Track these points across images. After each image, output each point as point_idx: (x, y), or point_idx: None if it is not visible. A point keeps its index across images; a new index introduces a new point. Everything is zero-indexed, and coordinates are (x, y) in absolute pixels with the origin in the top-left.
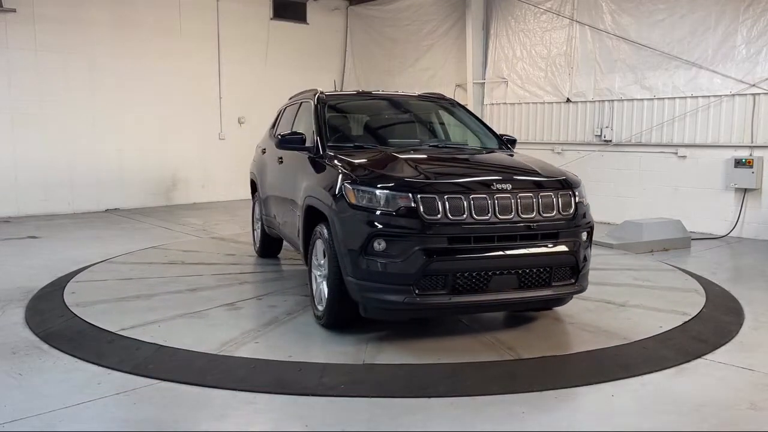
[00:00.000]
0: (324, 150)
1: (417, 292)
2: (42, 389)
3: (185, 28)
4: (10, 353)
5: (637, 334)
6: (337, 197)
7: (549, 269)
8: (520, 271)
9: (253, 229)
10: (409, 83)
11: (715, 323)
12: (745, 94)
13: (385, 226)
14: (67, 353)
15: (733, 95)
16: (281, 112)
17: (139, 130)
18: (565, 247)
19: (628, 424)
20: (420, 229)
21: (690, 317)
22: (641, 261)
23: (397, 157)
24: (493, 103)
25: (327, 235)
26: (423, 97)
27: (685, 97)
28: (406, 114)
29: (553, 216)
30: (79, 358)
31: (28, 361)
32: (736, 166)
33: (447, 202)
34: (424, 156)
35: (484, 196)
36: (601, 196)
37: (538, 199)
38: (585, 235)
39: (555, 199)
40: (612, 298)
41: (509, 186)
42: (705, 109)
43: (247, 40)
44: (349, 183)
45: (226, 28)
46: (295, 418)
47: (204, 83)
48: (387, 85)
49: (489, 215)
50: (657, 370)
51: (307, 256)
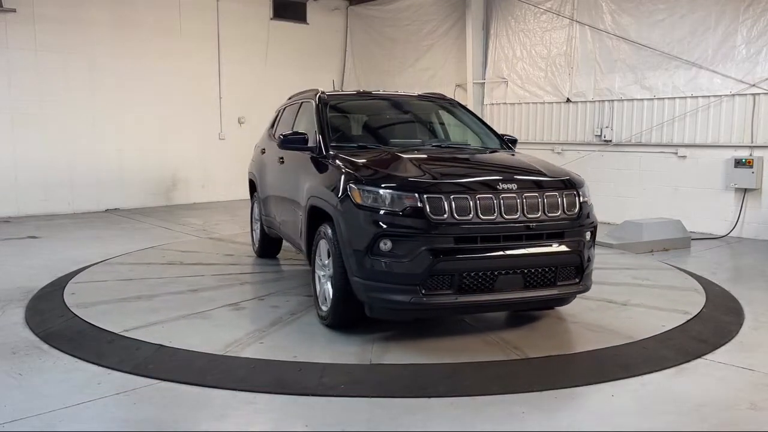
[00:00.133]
0: (327, 150)
1: (423, 292)
2: (42, 389)
3: (185, 28)
4: (10, 353)
5: (640, 333)
6: (343, 197)
7: (554, 269)
8: (526, 271)
9: (252, 230)
10: (409, 83)
11: (715, 323)
12: (745, 94)
13: (391, 226)
14: (67, 353)
15: (733, 95)
16: (280, 112)
17: (139, 130)
18: (570, 246)
19: (628, 424)
20: (426, 229)
21: (692, 316)
22: (641, 261)
23: (402, 157)
24: (493, 103)
25: (331, 235)
26: (424, 97)
27: (685, 97)
28: (407, 114)
29: (558, 216)
30: (79, 358)
31: (28, 361)
32: (736, 166)
33: (453, 202)
34: (428, 156)
35: (490, 196)
36: (601, 196)
37: (543, 199)
38: (589, 235)
39: (560, 199)
40: (613, 297)
41: (515, 186)
42: (705, 109)
43: (247, 40)
44: (355, 183)
45: (226, 28)
46: (295, 418)
47: (204, 83)
48: (387, 85)
49: (495, 215)
50: (657, 370)
51: (310, 257)
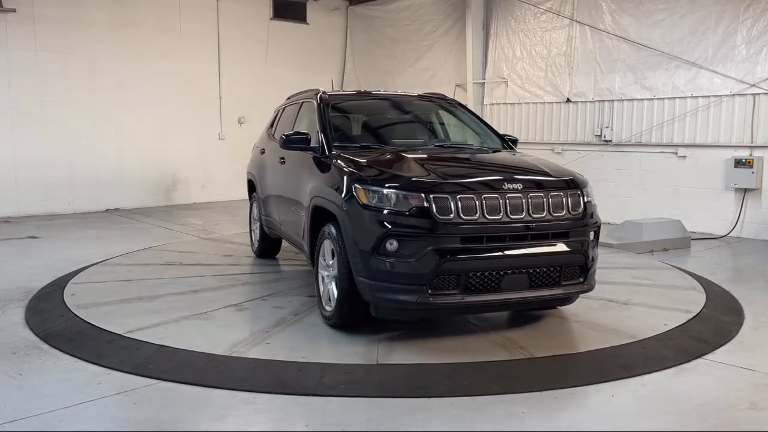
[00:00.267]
0: (330, 150)
1: (430, 291)
2: (42, 389)
3: (185, 28)
4: (10, 353)
5: (642, 332)
6: (348, 197)
7: (559, 268)
8: (531, 271)
9: (251, 230)
10: (409, 83)
11: (715, 323)
12: (745, 94)
13: (397, 226)
14: (67, 353)
15: (733, 95)
16: (279, 112)
17: (139, 130)
18: (575, 246)
19: (628, 424)
20: (433, 229)
21: (693, 314)
22: (641, 260)
23: (406, 157)
24: (493, 103)
25: (336, 235)
26: (425, 97)
27: (685, 97)
28: (408, 114)
29: (563, 216)
30: (79, 358)
31: (28, 361)
32: (736, 166)
33: (460, 202)
34: (432, 156)
35: (496, 195)
36: (601, 196)
37: (549, 199)
38: (593, 235)
39: (565, 199)
40: (614, 297)
41: (520, 186)
42: (705, 109)
43: (247, 40)
44: (360, 183)
45: (226, 28)
46: (295, 418)
47: (204, 83)
48: (387, 85)
49: (501, 215)
50: (657, 370)
51: (313, 257)
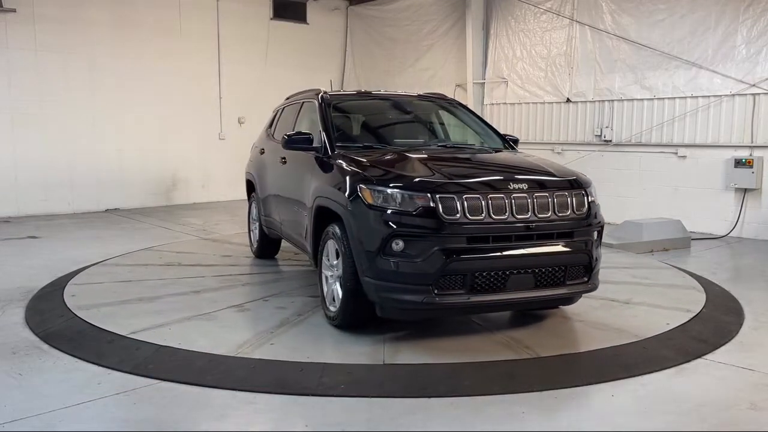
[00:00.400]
0: (332, 150)
1: (436, 291)
2: (42, 389)
3: (185, 28)
4: (10, 353)
5: (644, 331)
6: (353, 197)
7: (564, 268)
8: (537, 270)
9: (250, 230)
10: (409, 83)
11: (715, 323)
12: (745, 94)
13: (403, 227)
14: (67, 353)
15: (733, 95)
16: (279, 112)
17: (139, 130)
18: (580, 246)
19: (628, 424)
20: (439, 229)
21: (693, 314)
22: (641, 260)
23: (409, 156)
24: (493, 103)
25: (341, 235)
26: (426, 97)
27: (685, 97)
28: (409, 114)
29: (568, 215)
30: (79, 358)
31: (28, 361)
32: (736, 166)
33: (466, 202)
34: (436, 156)
35: (502, 195)
36: (602, 196)
37: (554, 199)
38: (596, 234)
39: (569, 199)
40: (615, 296)
41: (525, 186)
42: (705, 109)
43: (247, 40)
44: (365, 183)
45: (226, 28)
46: (295, 418)
47: (204, 83)
48: (387, 85)
49: (507, 215)
50: (657, 370)
51: (316, 257)
